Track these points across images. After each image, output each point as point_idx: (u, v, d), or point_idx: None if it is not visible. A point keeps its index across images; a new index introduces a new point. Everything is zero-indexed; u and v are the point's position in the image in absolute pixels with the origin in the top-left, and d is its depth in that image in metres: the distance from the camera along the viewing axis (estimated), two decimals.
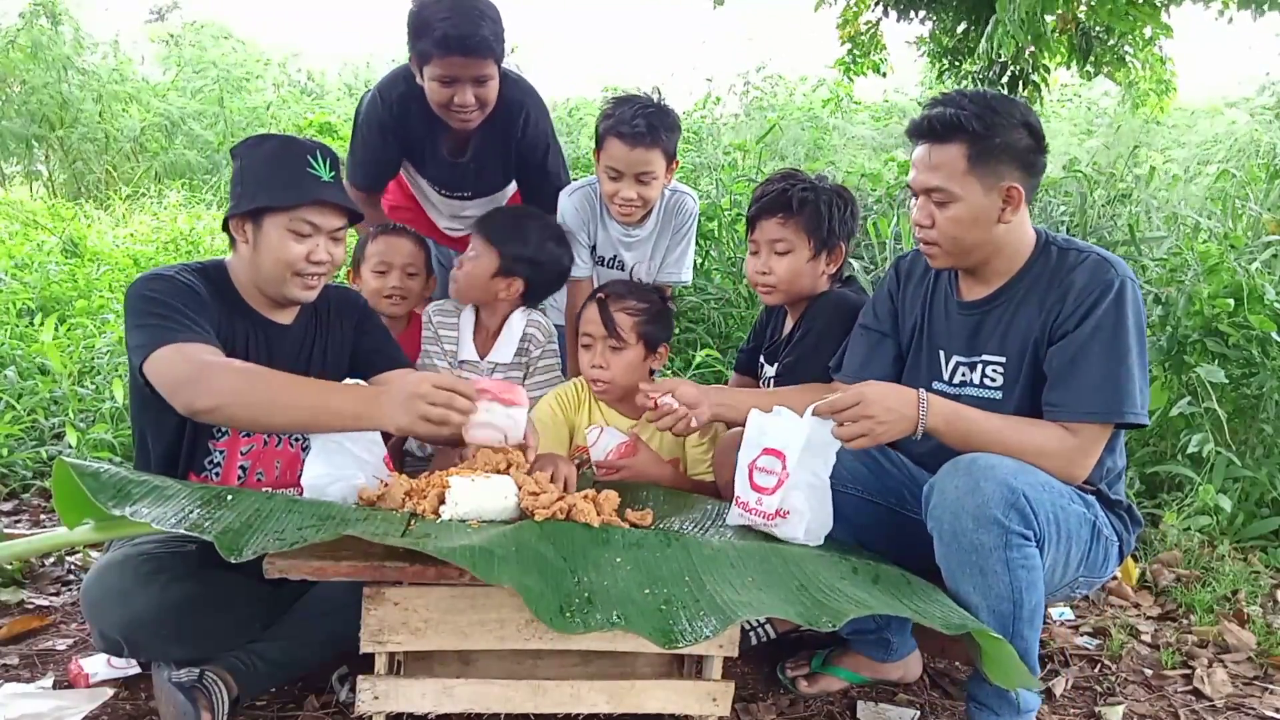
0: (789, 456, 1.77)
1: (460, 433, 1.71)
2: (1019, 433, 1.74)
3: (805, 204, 2.23)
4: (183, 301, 1.83)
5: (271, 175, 1.88)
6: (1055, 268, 1.81)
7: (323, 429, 1.76)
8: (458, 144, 2.72)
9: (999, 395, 1.86)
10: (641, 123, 2.44)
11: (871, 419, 1.70)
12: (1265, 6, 4.81)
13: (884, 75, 7.11)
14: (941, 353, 1.95)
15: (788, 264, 2.26)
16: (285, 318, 2.02)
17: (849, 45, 6.90)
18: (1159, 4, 5.27)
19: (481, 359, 2.50)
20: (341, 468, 1.81)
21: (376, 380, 2.03)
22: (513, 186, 2.91)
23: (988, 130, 1.75)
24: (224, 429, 1.94)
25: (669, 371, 4.01)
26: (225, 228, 1.97)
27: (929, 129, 1.81)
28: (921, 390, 1.74)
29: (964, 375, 1.92)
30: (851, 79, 7.13)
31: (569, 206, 2.68)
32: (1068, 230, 4.23)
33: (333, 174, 1.92)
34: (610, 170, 2.51)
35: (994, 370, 1.86)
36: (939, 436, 1.75)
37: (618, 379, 2.26)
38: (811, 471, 1.78)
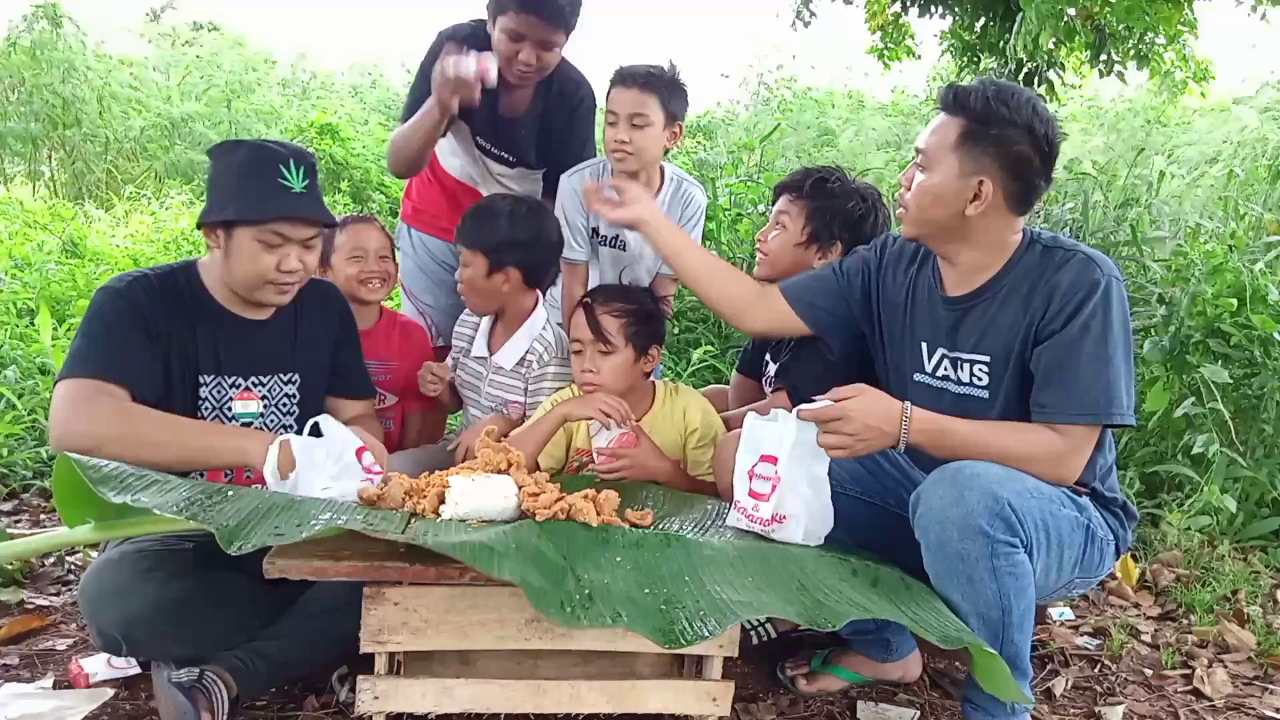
0: (780, 460, 1.77)
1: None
2: (1005, 440, 1.73)
3: (817, 192, 2.27)
4: (124, 329, 1.84)
5: (242, 186, 1.87)
6: (1039, 266, 1.81)
7: (202, 466, 1.86)
8: (513, 105, 2.74)
9: (986, 394, 1.86)
10: (641, 69, 2.50)
11: (852, 436, 1.70)
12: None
13: (918, 58, 7.17)
14: (924, 344, 1.95)
15: (778, 239, 2.34)
16: (261, 314, 2.02)
17: (879, 34, 6.95)
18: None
19: (491, 355, 2.50)
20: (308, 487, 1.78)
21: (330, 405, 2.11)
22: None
23: (986, 117, 1.75)
24: None
25: (669, 372, 4.01)
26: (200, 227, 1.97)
27: (946, 97, 1.83)
28: (907, 404, 1.73)
29: (947, 370, 1.91)
30: (887, 65, 7.17)
31: (568, 187, 2.67)
32: (1069, 231, 4.23)
33: (305, 183, 1.89)
34: (610, 115, 2.53)
35: (980, 369, 1.86)
36: (922, 449, 1.75)
37: (608, 383, 2.24)
38: (806, 470, 1.77)
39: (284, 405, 2.03)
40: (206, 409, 1.96)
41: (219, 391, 1.97)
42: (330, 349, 2.12)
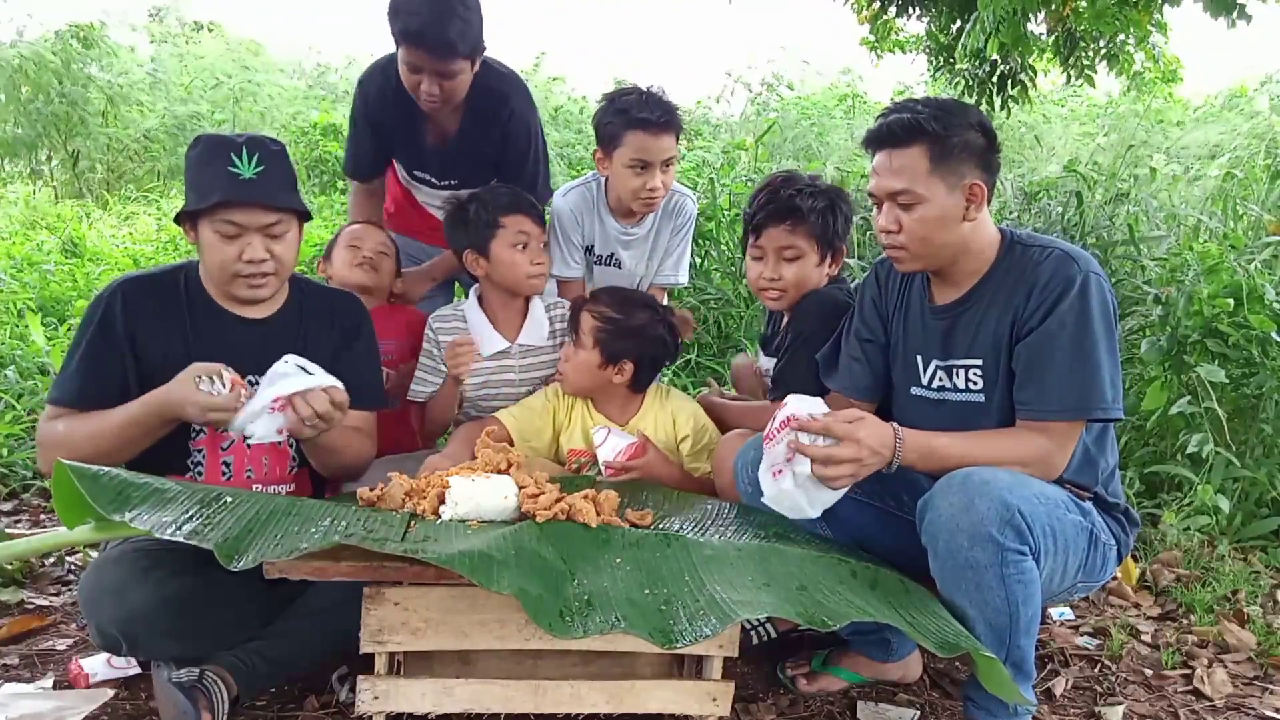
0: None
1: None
2: (992, 451, 1.74)
3: (814, 211, 2.24)
4: (94, 346, 1.92)
5: (196, 178, 1.91)
6: (1020, 265, 1.82)
7: (142, 435, 1.84)
8: (441, 132, 2.72)
9: (981, 398, 1.86)
10: (660, 112, 2.45)
11: (860, 463, 1.67)
12: (1234, 15, 4.81)
13: (906, 51, 7.19)
14: (919, 358, 1.96)
15: (797, 270, 2.25)
16: (259, 312, 2.02)
17: (869, 27, 6.97)
18: (1152, 3, 5.28)
19: (510, 344, 2.47)
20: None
21: None
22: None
23: (946, 130, 1.77)
24: (200, 429, 1.95)
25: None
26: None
27: (888, 134, 1.82)
28: (897, 427, 1.72)
29: (942, 380, 1.92)
30: (880, 55, 7.18)
31: (564, 206, 2.66)
32: (1064, 230, 4.23)
33: (259, 169, 1.88)
34: (637, 163, 2.48)
35: (974, 373, 1.86)
36: (913, 468, 1.75)
37: (570, 377, 2.31)
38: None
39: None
40: None
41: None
42: (329, 357, 2.06)
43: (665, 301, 2.96)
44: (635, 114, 2.45)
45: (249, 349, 1.99)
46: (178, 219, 1.96)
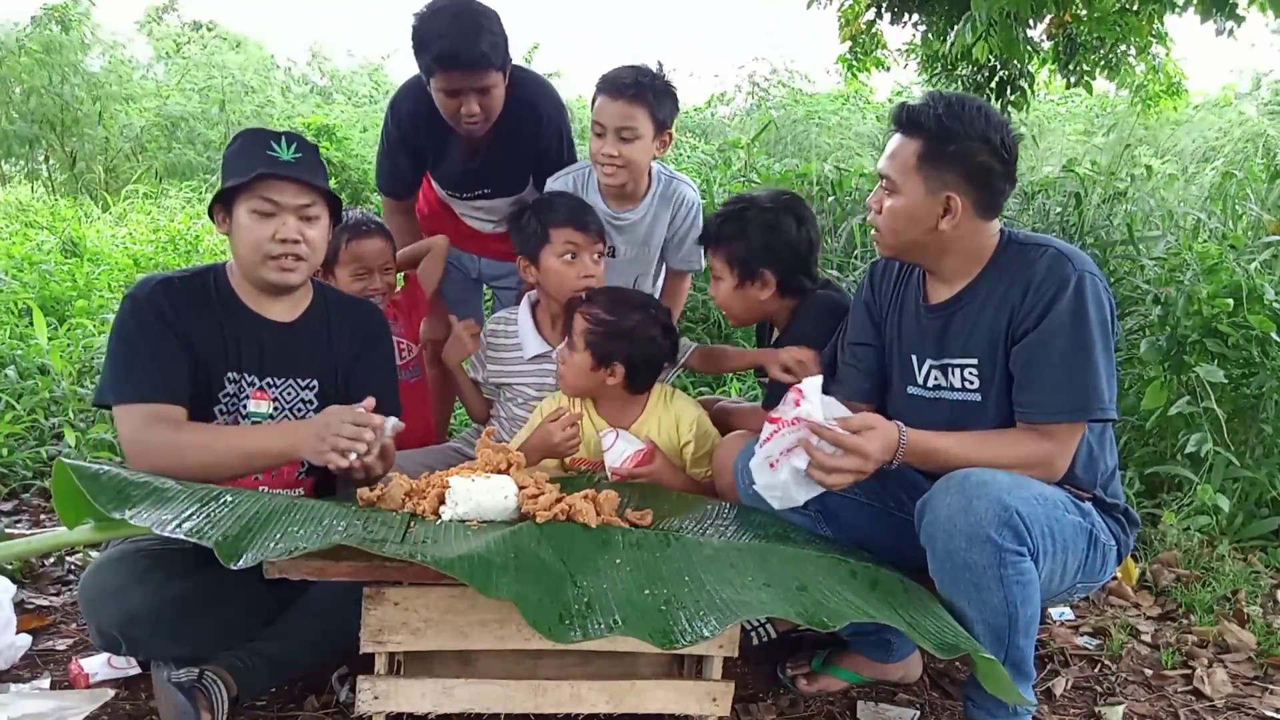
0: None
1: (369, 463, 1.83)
2: (994, 452, 1.73)
3: (722, 238, 2.30)
4: (154, 340, 1.89)
5: (234, 164, 1.94)
6: (1015, 263, 1.81)
7: (257, 469, 1.90)
8: (470, 150, 2.74)
9: (978, 397, 1.86)
10: (629, 77, 2.44)
11: (860, 472, 1.67)
12: (1225, 19, 4.81)
13: (887, 69, 7.20)
14: (914, 357, 1.95)
15: (721, 291, 2.35)
16: (286, 315, 2.03)
17: (850, 44, 6.96)
18: (1152, 11, 5.29)
19: (552, 349, 2.45)
20: None
21: None
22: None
23: (942, 135, 1.76)
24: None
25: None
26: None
27: (898, 118, 1.83)
28: (901, 428, 1.71)
29: (938, 379, 1.91)
30: (855, 74, 7.20)
31: (555, 190, 2.66)
32: (1062, 229, 4.24)
33: (297, 155, 1.93)
34: (596, 125, 2.48)
35: (970, 373, 1.86)
36: (914, 468, 1.75)
37: (566, 379, 2.30)
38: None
39: (299, 410, 2.02)
40: (228, 404, 1.97)
41: (238, 389, 1.98)
42: (349, 362, 2.09)
43: (688, 286, 2.97)
44: (604, 79, 2.47)
45: (273, 350, 2.00)
46: (211, 209, 1.97)
